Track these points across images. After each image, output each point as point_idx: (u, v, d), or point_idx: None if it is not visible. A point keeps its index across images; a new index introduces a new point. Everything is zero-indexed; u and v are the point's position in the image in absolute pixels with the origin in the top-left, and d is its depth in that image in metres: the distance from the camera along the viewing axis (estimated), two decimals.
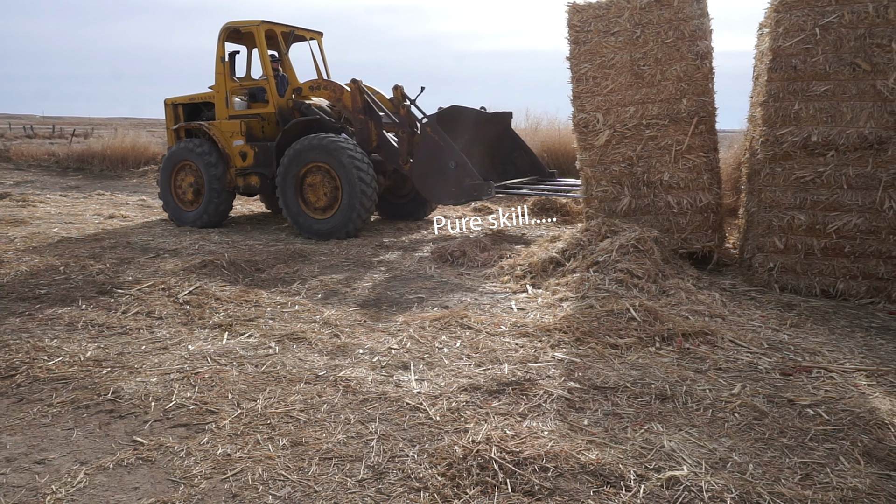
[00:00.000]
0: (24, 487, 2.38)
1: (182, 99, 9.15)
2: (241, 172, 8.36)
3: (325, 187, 7.60)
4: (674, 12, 5.83)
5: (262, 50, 8.29)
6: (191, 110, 9.12)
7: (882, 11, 4.88)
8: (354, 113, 8.00)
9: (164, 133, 10.89)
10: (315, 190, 7.66)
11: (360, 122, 7.95)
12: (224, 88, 8.46)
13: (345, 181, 7.40)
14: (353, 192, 7.36)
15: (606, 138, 6.21)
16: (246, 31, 8.41)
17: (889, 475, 2.47)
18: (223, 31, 8.42)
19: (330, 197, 7.60)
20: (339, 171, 7.41)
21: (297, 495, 2.34)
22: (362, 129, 7.95)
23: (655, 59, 5.93)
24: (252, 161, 8.30)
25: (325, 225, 7.58)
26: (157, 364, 3.58)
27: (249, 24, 8.26)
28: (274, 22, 8.33)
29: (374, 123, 7.96)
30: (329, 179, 7.58)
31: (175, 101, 9.17)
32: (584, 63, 6.23)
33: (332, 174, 7.53)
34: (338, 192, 7.53)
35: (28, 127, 31.04)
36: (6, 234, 7.59)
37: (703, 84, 5.90)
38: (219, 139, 8.39)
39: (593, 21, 6.11)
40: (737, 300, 5.02)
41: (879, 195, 5.00)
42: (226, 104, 8.48)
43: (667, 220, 6.09)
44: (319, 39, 9.23)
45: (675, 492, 2.32)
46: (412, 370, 3.49)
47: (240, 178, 8.39)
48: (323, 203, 7.65)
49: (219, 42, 8.43)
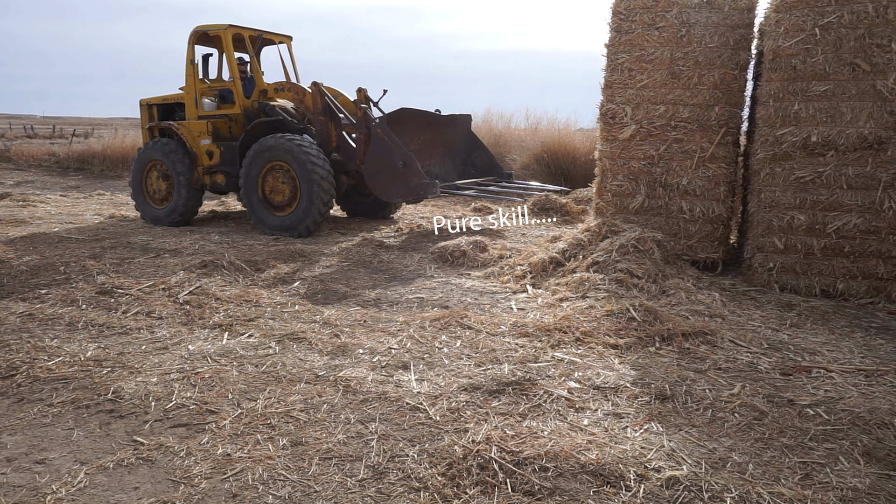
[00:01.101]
0: (24, 487, 2.38)
1: (156, 99, 9.42)
2: (207, 171, 8.64)
3: (284, 185, 7.89)
4: (722, 17, 5.75)
5: (229, 53, 8.62)
6: (165, 110, 9.42)
7: (882, 11, 4.88)
8: (315, 114, 8.31)
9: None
10: (275, 187, 7.96)
11: (321, 122, 8.27)
12: (193, 90, 8.75)
13: (303, 180, 7.69)
14: (310, 191, 7.65)
15: (631, 133, 6.13)
16: (214, 35, 8.74)
17: (889, 475, 2.48)
18: (193, 34, 8.71)
19: (289, 194, 7.90)
20: (298, 169, 7.71)
21: (297, 495, 2.34)
22: (322, 129, 8.28)
23: (696, 61, 5.85)
24: (218, 160, 8.58)
25: (285, 221, 7.88)
26: (158, 364, 3.58)
27: (217, 28, 8.58)
28: (242, 26, 8.68)
29: (333, 124, 8.27)
30: (288, 178, 7.87)
31: (149, 102, 9.45)
32: (623, 53, 6.13)
33: (291, 173, 7.83)
34: (297, 190, 7.84)
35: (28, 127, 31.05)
36: (6, 234, 7.60)
37: (737, 95, 5.85)
38: (187, 138, 8.67)
39: (640, 12, 6.00)
40: (737, 300, 5.03)
41: (879, 195, 5.00)
42: (195, 105, 8.77)
43: (676, 224, 6.06)
44: (289, 43, 9.52)
45: (675, 492, 2.33)
46: (412, 370, 3.49)
47: (206, 176, 8.67)
48: (283, 200, 7.94)
49: (189, 45, 8.71)
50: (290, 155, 7.70)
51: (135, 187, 9.05)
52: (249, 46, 8.76)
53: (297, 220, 7.78)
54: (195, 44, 8.73)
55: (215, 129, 8.64)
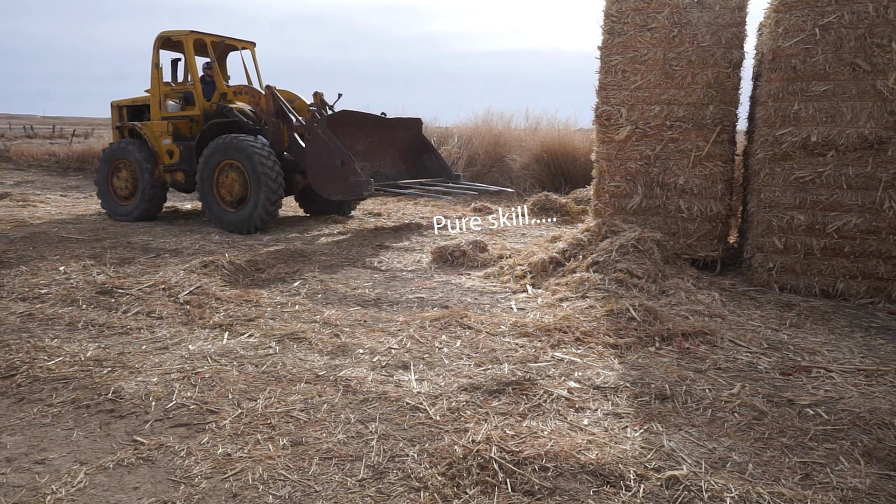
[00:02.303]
0: (24, 487, 2.38)
1: (126, 101, 9.95)
2: (168, 169, 9.09)
3: (236, 183, 8.27)
4: (714, 16, 5.78)
5: (189, 57, 9.18)
6: (134, 111, 9.90)
7: (882, 11, 4.88)
8: (268, 116, 8.72)
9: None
10: (228, 185, 8.35)
11: (273, 124, 8.67)
12: (158, 92, 9.23)
13: (253, 178, 8.07)
14: (259, 189, 8.03)
15: (627, 134, 6.16)
16: (177, 40, 9.18)
17: (889, 475, 2.48)
18: (158, 39, 9.14)
19: (241, 192, 8.27)
20: (249, 168, 8.08)
21: (297, 495, 2.34)
22: (275, 130, 8.67)
23: (689, 60, 5.87)
24: (178, 159, 9.03)
25: (236, 217, 8.26)
26: (158, 364, 3.58)
27: (180, 34, 9.04)
28: (203, 32, 9.12)
29: (286, 126, 8.66)
30: (240, 176, 8.25)
31: (120, 103, 9.98)
32: (616, 55, 6.17)
33: (243, 171, 8.21)
34: (248, 188, 8.20)
35: (28, 127, 31.05)
36: (6, 234, 7.60)
37: (731, 93, 5.87)
38: (149, 138, 9.14)
39: (631, 13, 6.05)
40: (737, 300, 5.03)
41: (879, 195, 5.00)
42: (159, 106, 9.23)
43: (675, 223, 6.07)
44: (252, 49, 10.02)
45: (675, 492, 2.33)
46: (412, 370, 3.49)
47: (167, 174, 9.12)
48: (235, 197, 8.32)
49: (154, 49, 9.15)
50: (241, 154, 8.09)
51: (100, 184, 9.51)
52: (211, 51, 9.20)
53: (247, 217, 8.15)
54: (160, 48, 9.19)
55: (176, 129, 9.11)
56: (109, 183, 9.46)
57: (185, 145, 8.96)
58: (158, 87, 9.20)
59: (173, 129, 9.07)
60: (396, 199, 12.14)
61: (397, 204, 11.58)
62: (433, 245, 6.89)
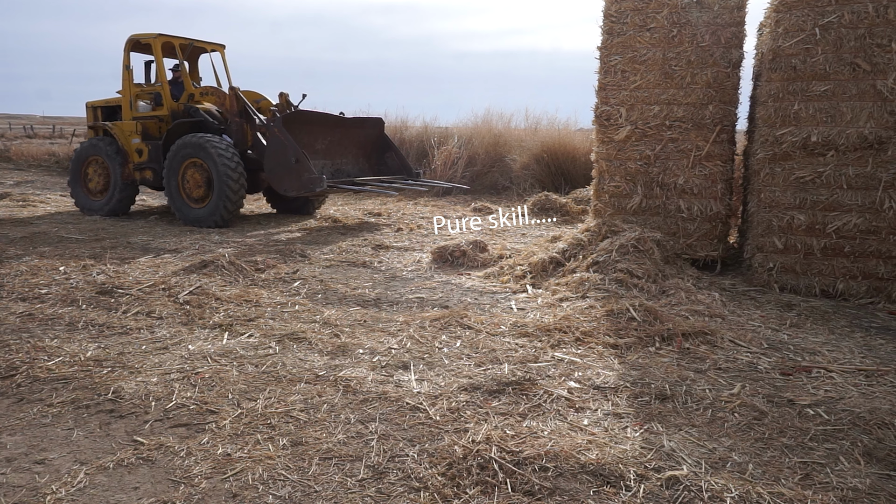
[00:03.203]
0: (24, 487, 2.38)
1: (100, 102, 10.29)
2: (137, 167, 9.43)
3: (200, 180, 8.59)
4: (713, 16, 5.79)
5: (158, 59, 9.43)
6: (108, 112, 10.22)
7: (882, 11, 4.88)
8: (232, 116, 9.06)
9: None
10: (192, 182, 8.66)
11: (237, 123, 9.00)
12: (128, 93, 9.56)
13: (215, 175, 8.37)
14: (221, 186, 8.34)
15: (626, 134, 6.17)
16: (146, 43, 9.48)
17: (889, 475, 2.48)
18: (128, 42, 9.46)
19: (204, 189, 8.59)
20: (211, 166, 8.39)
21: (297, 495, 2.34)
22: (238, 129, 9.00)
23: (688, 60, 5.88)
24: (147, 157, 9.36)
25: (200, 213, 8.60)
26: (158, 364, 3.58)
27: (148, 37, 9.35)
28: (171, 35, 9.41)
29: (249, 126, 8.96)
30: (203, 173, 8.56)
31: (94, 104, 10.32)
32: (615, 55, 6.18)
33: (206, 169, 8.52)
34: (211, 185, 8.52)
35: (28, 127, 31.06)
36: (6, 234, 7.59)
37: (731, 93, 5.88)
38: (119, 137, 9.49)
39: (631, 14, 6.06)
40: (737, 300, 5.02)
41: (879, 195, 5.00)
42: (130, 107, 9.55)
43: (675, 223, 6.07)
44: (221, 52, 10.25)
45: (675, 492, 2.32)
46: (412, 370, 3.49)
47: (136, 172, 9.47)
48: (199, 194, 8.64)
49: (125, 52, 9.48)
50: (204, 152, 8.38)
51: (73, 180, 9.86)
52: (180, 54, 9.50)
53: (209, 213, 8.48)
54: (130, 51, 9.50)
55: (145, 129, 9.41)
56: (82, 179, 9.84)
57: (153, 144, 9.26)
58: (129, 88, 9.53)
59: (142, 129, 9.39)
60: (396, 199, 12.14)
61: (397, 204, 11.58)
62: (433, 245, 6.89)
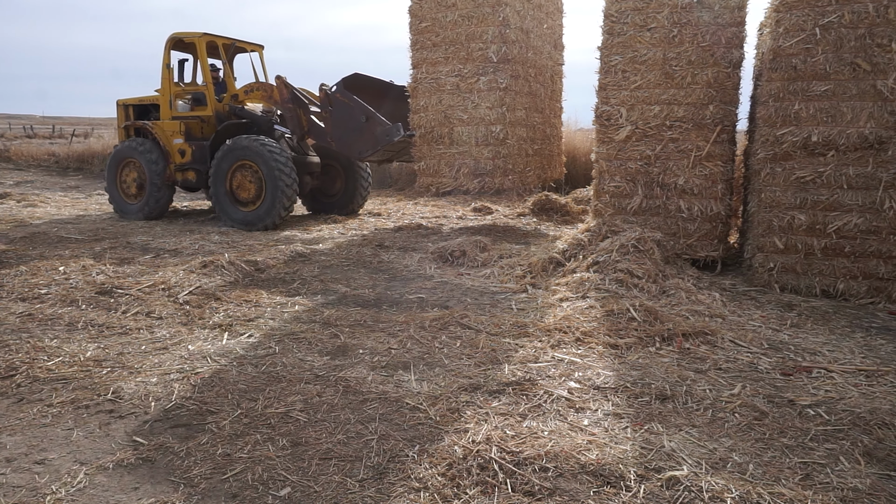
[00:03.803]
0: (24, 487, 2.38)
1: (132, 100, 10.05)
2: (179, 168, 9.26)
3: (250, 182, 8.47)
4: (714, 16, 5.78)
5: (202, 59, 9.26)
6: (140, 111, 10.02)
7: (882, 11, 4.88)
8: (284, 104, 8.88)
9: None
10: (242, 184, 8.54)
11: (290, 110, 8.83)
12: (168, 92, 9.35)
13: (268, 178, 8.26)
14: (275, 188, 8.23)
15: (627, 134, 6.16)
16: (189, 42, 9.31)
17: (889, 475, 2.47)
18: (169, 40, 9.24)
19: (255, 191, 8.47)
20: (264, 168, 8.26)
21: (297, 495, 2.34)
22: (293, 116, 8.81)
23: (688, 60, 5.87)
24: (190, 158, 9.19)
25: (250, 216, 8.48)
26: (157, 364, 3.58)
27: (192, 36, 9.16)
28: (215, 34, 9.25)
29: (302, 111, 8.84)
30: (255, 177, 8.43)
31: (126, 102, 10.06)
32: (615, 55, 6.17)
33: (258, 172, 8.38)
34: (262, 188, 8.39)
35: (28, 127, 31.06)
36: (6, 233, 7.59)
37: (731, 93, 5.87)
38: (160, 138, 9.29)
39: (631, 14, 6.05)
40: (737, 300, 5.02)
41: (879, 195, 4.99)
42: (169, 106, 9.39)
43: (675, 224, 6.07)
44: (260, 52, 10.05)
45: (675, 492, 2.32)
46: (412, 370, 3.49)
47: (178, 173, 9.29)
48: (248, 196, 8.52)
49: (165, 50, 9.26)
50: (258, 156, 8.25)
51: (109, 182, 9.70)
52: (223, 53, 9.36)
53: (260, 217, 8.38)
54: (171, 49, 9.30)
55: (188, 129, 9.25)
56: (118, 182, 9.64)
57: (197, 145, 9.10)
58: (169, 87, 9.32)
59: (185, 129, 9.19)
60: (396, 199, 12.14)
61: (397, 204, 11.58)
62: (433, 245, 6.89)
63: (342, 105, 8.18)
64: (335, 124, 8.33)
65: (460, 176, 7.80)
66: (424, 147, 8.04)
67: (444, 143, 7.86)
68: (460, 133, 7.70)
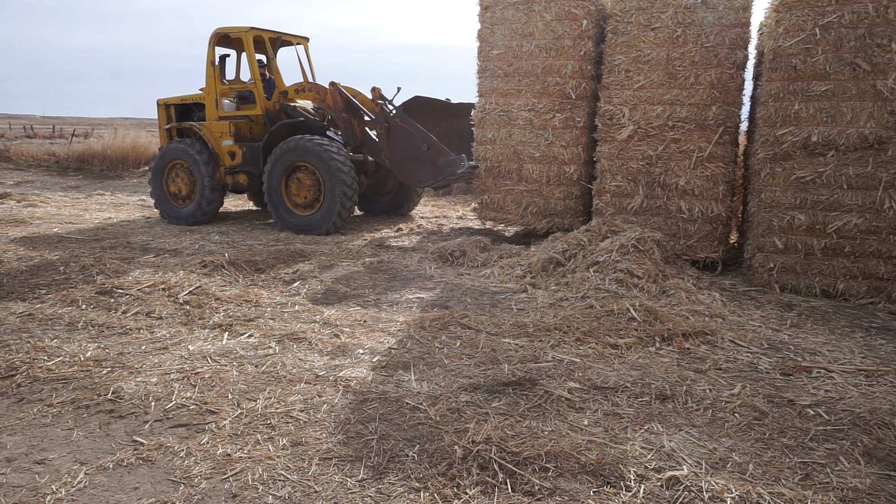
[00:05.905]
0: (24, 487, 2.38)
1: (174, 100, 9.49)
2: (229, 171, 8.76)
3: (308, 185, 8.03)
4: (718, 17, 5.77)
5: (250, 54, 8.68)
6: (182, 111, 9.48)
7: (882, 11, 4.88)
8: (337, 112, 8.43)
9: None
10: (299, 188, 8.09)
11: (344, 119, 8.40)
12: (214, 91, 8.84)
13: (327, 181, 7.82)
14: (335, 192, 7.80)
15: (629, 133, 6.15)
16: (235, 37, 8.82)
17: (889, 475, 2.47)
18: (213, 35, 8.80)
19: (313, 195, 8.02)
20: (323, 171, 7.82)
21: (297, 495, 2.34)
22: (346, 126, 8.40)
23: (692, 61, 5.87)
24: (240, 160, 8.70)
25: (308, 220, 8.04)
26: (157, 364, 3.58)
27: (239, 30, 8.65)
28: (262, 28, 8.76)
29: (357, 121, 8.40)
30: (312, 178, 7.99)
31: (167, 102, 9.52)
32: (619, 54, 6.16)
33: (316, 174, 7.95)
34: (320, 191, 7.96)
35: (28, 127, 31.05)
36: (6, 233, 7.59)
37: (734, 94, 5.87)
38: (209, 139, 8.77)
39: (635, 13, 6.05)
40: (737, 300, 5.02)
41: (879, 195, 5.00)
42: (216, 106, 8.86)
43: (675, 224, 6.07)
44: (306, 45, 9.59)
45: (675, 492, 2.32)
46: (412, 370, 3.49)
47: (228, 176, 8.81)
48: (306, 200, 8.08)
49: (209, 46, 8.79)
50: (315, 158, 7.82)
51: (155, 187, 9.10)
52: (269, 48, 8.86)
53: (320, 220, 7.94)
54: (216, 45, 8.81)
55: (237, 129, 8.74)
56: (164, 186, 9.08)
57: (248, 146, 8.62)
58: (215, 85, 8.80)
59: (235, 130, 8.71)
60: None
61: None
62: (433, 245, 6.89)
63: (402, 131, 7.80)
64: (393, 149, 7.93)
65: (528, 214, 7.24)
66: (489, 180, 7.47)
67: (512, 179, 7.28)
68: (530, 171, 7.10)
